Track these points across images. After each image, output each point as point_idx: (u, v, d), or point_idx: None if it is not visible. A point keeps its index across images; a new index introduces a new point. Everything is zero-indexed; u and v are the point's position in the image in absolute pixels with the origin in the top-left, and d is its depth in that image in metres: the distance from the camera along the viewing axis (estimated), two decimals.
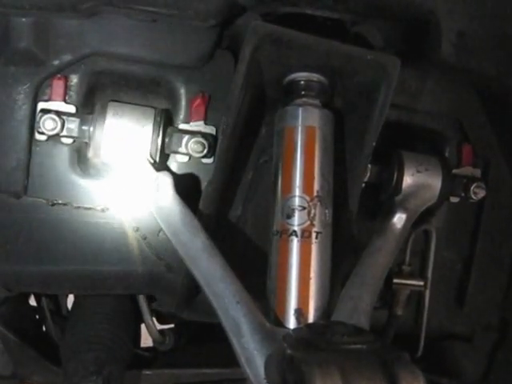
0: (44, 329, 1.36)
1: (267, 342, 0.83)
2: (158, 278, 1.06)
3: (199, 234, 0.93)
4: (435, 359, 1.30)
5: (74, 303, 1.25)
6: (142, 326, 1.34)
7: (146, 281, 1.07)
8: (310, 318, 0.91)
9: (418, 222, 1.14)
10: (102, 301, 1.18)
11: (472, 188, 1.15)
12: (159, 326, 1.37)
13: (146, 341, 1.41)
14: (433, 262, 1.21)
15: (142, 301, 1.24)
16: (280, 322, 0.91)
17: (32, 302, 1.37)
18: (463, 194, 1.17)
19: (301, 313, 0.91)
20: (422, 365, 1.21)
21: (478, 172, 1.19)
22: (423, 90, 1.13)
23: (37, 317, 1.37)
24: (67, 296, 1.39)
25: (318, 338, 0.75)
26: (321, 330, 0.76)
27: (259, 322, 0.85)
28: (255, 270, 1.00)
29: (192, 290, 1.03)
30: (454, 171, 1.17)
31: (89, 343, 1.10)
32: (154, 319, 1.33)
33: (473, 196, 1.16)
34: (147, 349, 1.41)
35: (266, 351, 0.82)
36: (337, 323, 0.78)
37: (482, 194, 1.16)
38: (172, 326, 1.47)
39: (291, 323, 0.91)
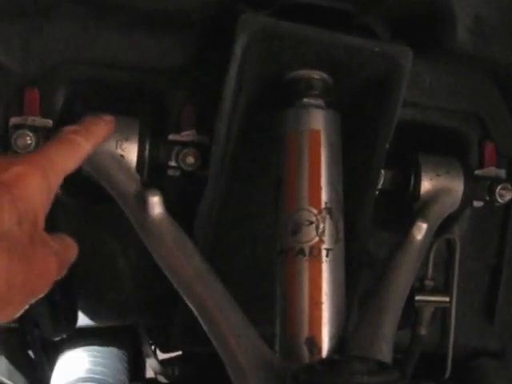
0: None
1: (274, 382, 0.72)
2: (150, 306, 1.00)
3: (193, 258, 0.83)
4: (465, 379, 1.21)
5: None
6: None
7: (137, 309, 1.00)
8: (324, 348, 0.80)
9: (440, 230, 1.06)
10: (94, 332, 1.12)
11: (497, 190, 1.08)
12: (164, 355, 1.29)
13: None
14: (458, 274, 1.12)
15: (142, 331, 1.17)
16: (289, 354, 0.81)
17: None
18: (488, 198, 1.09)
19: (313, 342, 0.80)
20: None
21: (502, 172, 1.11)
22: (439, 85, 1.05)
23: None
24: None
25: (333, 379, 0.64)
26: (337, 369, 0.65)
27: (264, 358, 0.75)
28: (260, 295, 0.90)
29: (189, 318, 0.94)
30: (477, 172, 1.09)
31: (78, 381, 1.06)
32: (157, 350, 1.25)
33: (499, 199, 1.08)
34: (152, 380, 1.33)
35: None
36: (356, 359, 0.68)
37: (508, 196, 1.09)
38: (179, 353, 1.39)
39: (302, 355, 0.80)
